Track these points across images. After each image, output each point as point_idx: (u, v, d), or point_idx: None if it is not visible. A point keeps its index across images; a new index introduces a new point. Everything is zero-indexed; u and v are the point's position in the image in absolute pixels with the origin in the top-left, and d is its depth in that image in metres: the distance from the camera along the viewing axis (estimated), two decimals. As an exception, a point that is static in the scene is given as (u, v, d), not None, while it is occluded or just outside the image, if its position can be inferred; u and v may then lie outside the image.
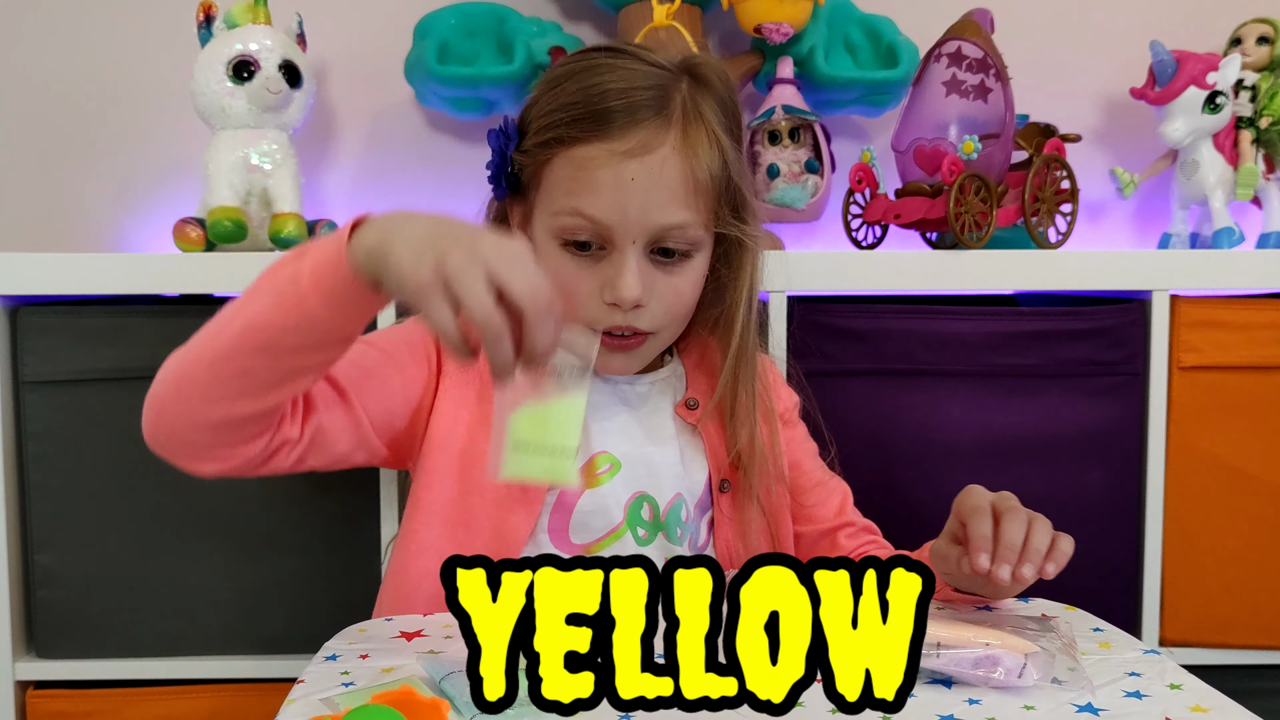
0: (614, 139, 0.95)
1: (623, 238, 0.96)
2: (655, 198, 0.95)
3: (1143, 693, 0.73)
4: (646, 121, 0.95)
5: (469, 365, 0.79)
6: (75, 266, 1.30)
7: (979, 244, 1.35)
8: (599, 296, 0.97)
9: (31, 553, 1.33)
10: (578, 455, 0.84)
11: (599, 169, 0.94)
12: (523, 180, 1.02)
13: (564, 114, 0.96)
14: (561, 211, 0.96)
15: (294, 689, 0.76)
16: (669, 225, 0.96)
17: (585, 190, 0.95)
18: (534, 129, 0.99)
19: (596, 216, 0.95)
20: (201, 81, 1.41)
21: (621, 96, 0.95)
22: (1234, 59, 1.51)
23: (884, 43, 1.59)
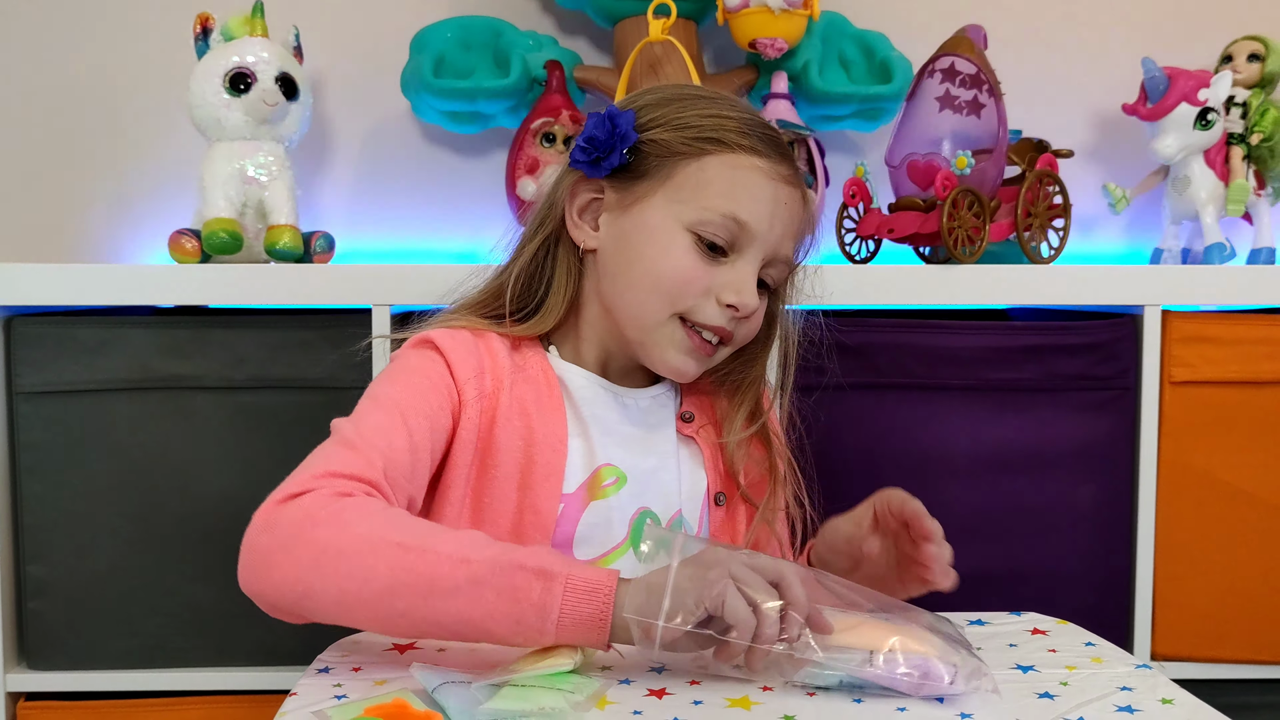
0: (777, 162, 1.00)
1: (756, 248, 0.99)
2: (790, 228, 1.02)
3: (1134, 707, 0.73)
4: (791, 161, 1.02)
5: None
6: (70, 277, 1.30)
7: (972, 259, 1.35)
8: (712, 295, 0.99)
9: (23, 563, 1.33)
10: None
11: (764, 179, 0.99)
12: (645, 166, 1.01)
13: (725, 121, 1.00)
14: (713, 209, 0.98)
15: (286, 701, 0.76)
16: (785, 256, 1.03)
17: (746, 196, 0.98)
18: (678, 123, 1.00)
19: (749, 221, 0.98)
20: (198, 93, 1.41)
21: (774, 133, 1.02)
22: (1225, 76, 1.52)
23: (878, 58, 1.59)
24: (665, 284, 0.99)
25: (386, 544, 0.80)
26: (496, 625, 0.77)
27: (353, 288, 1.31)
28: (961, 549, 1.33)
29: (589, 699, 0.73)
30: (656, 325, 1.01)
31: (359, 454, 0.89)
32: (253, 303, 1.33)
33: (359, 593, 0.79)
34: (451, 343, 1.00)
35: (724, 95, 1.06)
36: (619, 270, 1.02)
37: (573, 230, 1.04)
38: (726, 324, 1.00)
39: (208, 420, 1.33)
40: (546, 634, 0.77)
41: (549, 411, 1.02)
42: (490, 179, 1.68)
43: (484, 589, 0.77)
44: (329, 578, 0.80)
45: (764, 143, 1.00)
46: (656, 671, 0.80)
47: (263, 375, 1.33)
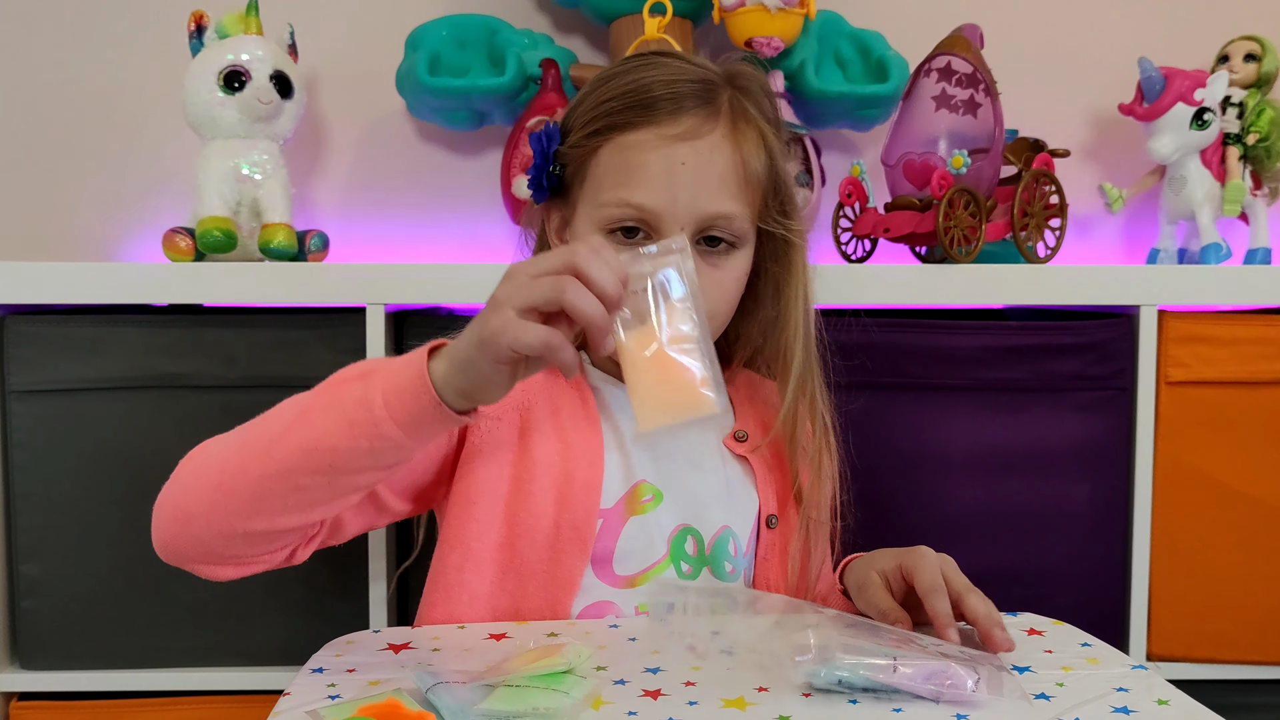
0: (664, 124, 0.95)
1: (670, 224, 0.95)
2: (705, 184, 0.95)
3: (1130, 708, 0.73)
4: (695, 109, 0.96)
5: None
6: (63, 275, 1.30)
7: (968, 258, 1.35)
8: None
9: (16, 563, 1.32)
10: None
11: (649, 152, 0.94)
12: (566, 179, 1.01)
13: (612, 104, 0.97)
14: (609, 202, 0.96)
15: (280, 701, 0.75)
16: (717, 214, 0.96)
17: (635, 177, 0.95)
18: (579, 125, 0.99)
19: (645, 204, 0.94)
20: (192, 91, 1.41)
21: (669, 87, 0.96)
22: (1221, 76, 1.52)
23: (874, 57, 1.59)
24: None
25: (226, 440, 0.86)
26: (333, 437, 0.80)
27: (347, 287, 1.31)
28: (957, 549, 1.33)
29: (584, 699, 0.72)
30: None
31: None
32: (247, 302, 1.33)
33: (220, 484, 0.83)
34: None
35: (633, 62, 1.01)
36: None
37: None
38: None
39: (201, 419, 1.32)
40: (379, 420, 0.78)
41: (584, 425, 1.00)
42: (485, 177, 1.67)
43: (312, 414, 0.81)
44: (193, 491, 0.85)
45: (645, 109, 0.95)
46: (652, 672, 0.80)
47: (257, 374, 1.32)
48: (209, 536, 0.85)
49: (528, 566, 0.97)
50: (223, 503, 0.84)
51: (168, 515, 0.87)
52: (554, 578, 0.97)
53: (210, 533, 0.85)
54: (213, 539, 0.86)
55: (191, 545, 0.87)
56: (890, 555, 0.94)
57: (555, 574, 0.97)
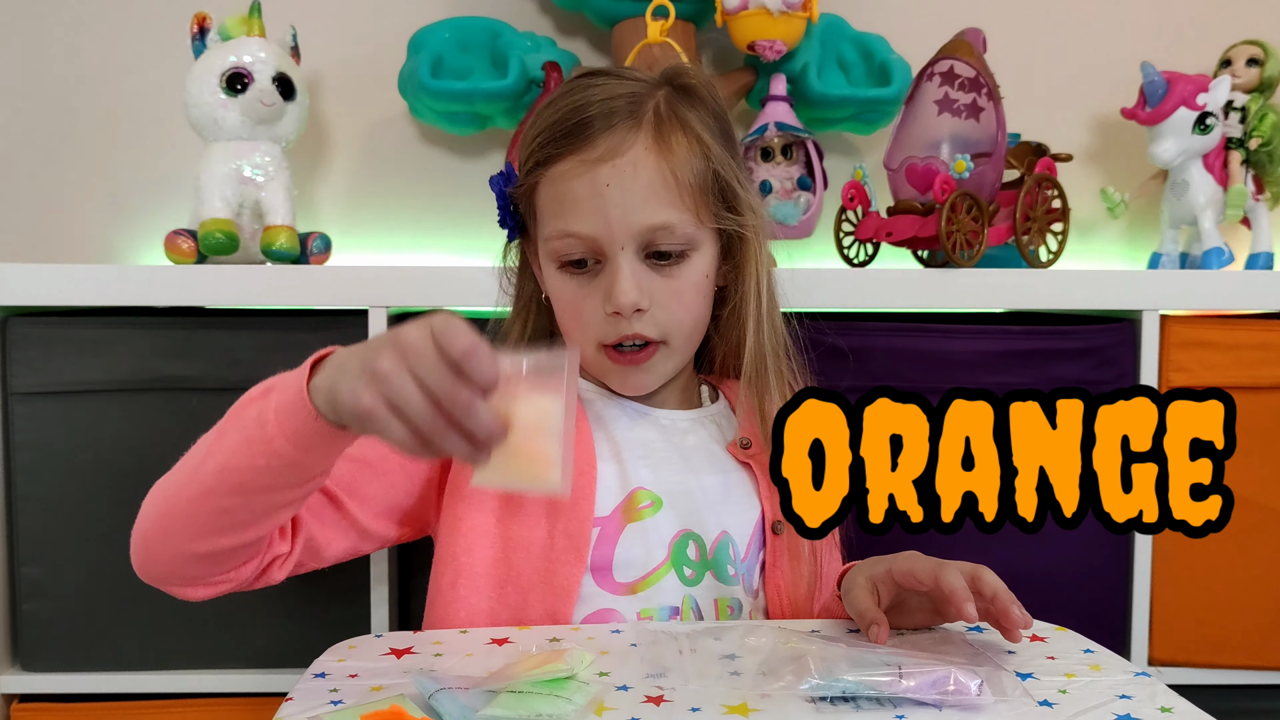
0: (583, 149, 0.95)
1: (610, 246, 0.95)
2: (633, 200, 0.94)
3: (1133, 715, 0.73)
4: (616, 126, 0.95)
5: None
6: (66, 277, 1.30)
7: (970, 262, 1.35)
8: (602, 311, 0.97)
9: (18, 565, 1.32)
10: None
11: (573, 180, 0.95)
12: (522, 216, 1.03)
13: (540, 137, 0.98)
14: (552, 235, 0.97)
15: (282, 707, 0.75)
16: (654, 226, 0.95)
17: (566, 207, 0.96)
18: (522, 162, 1.01)
19: (580, 231, 0.95)
20: (194, 93, 1.41)
21: (596, 108, 0.96)
22: (1224, 80, 1.52)
23: (877, 61, 1.59)
24: (569, 325, 1.01)
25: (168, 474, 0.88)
26: (238, 457, 0.80)
27: (349, 289, 1.31)
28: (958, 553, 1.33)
29: (586, 705, 0.72)
30: (591, 360, 1.02)
31: None
32: (249, 304, 1.33)
33: (165, 510, 0.86)
34: None
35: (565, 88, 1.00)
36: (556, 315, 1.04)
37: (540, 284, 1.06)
38: (627, 329, 0.97)
39: (204, 421, 1.29)
40: (271, 437, 0.78)
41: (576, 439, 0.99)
42: (488, 180, 1.67)
43: (225, 434, 0.83)
44: (149, 518, 0.88)
45: (563, 140, 0.96)
46: (654, 678, 0.79)
47: (259, 376, 1.28)
48: (166, 560, 0.89)
49: (524, 579, 0.97)
50: (168, 528, 0.87)
51: (135, 542, 0.90)
52: (552, 588, 0.97)
53: (166, 556, 0.88)
54: (170, 562, 0.89)
55: (156, 568, 0.90)
56: (883, 561, 0.93)
57: (553, 584, 0.97)
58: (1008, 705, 0.74)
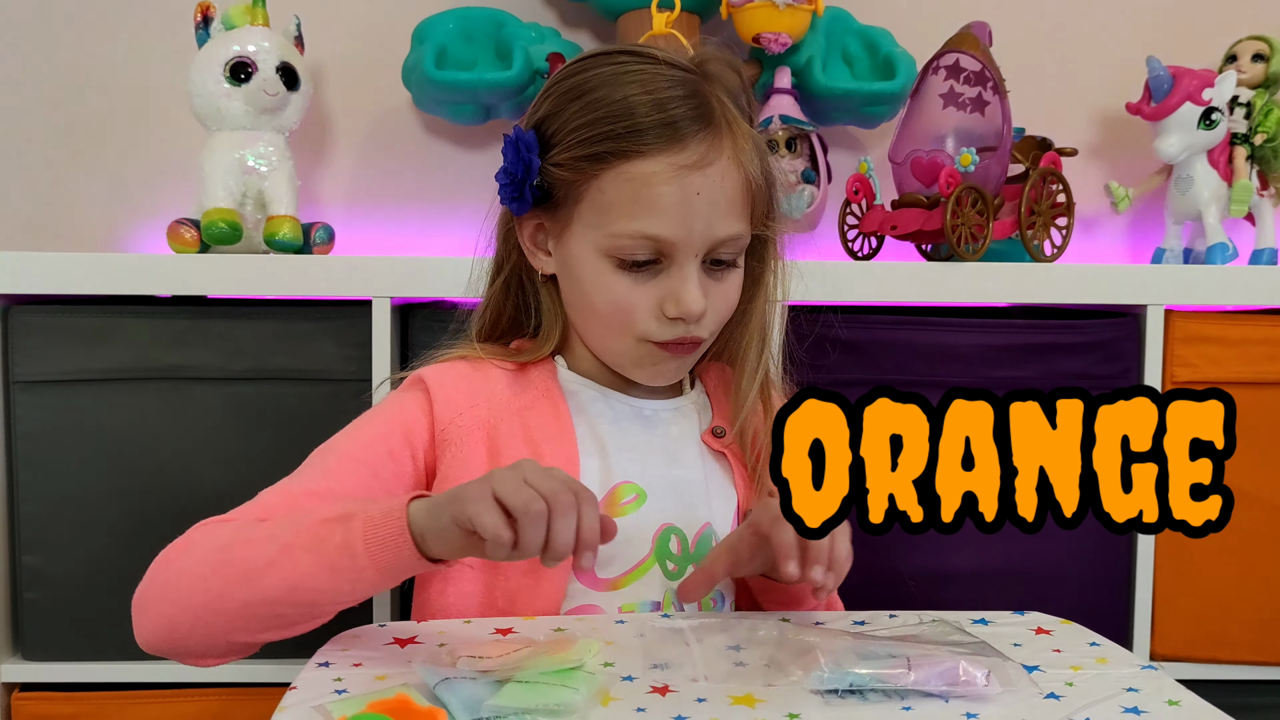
0: (672, 152, 0.91)
1: (685, 253, 0.93)
2: (718, 210, 0.93)
3: (1141, 709, 0.73)
4: (699, 132, 0.92)
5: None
6: (68, 266, 1.29)
7: (975, 256, 1.35)
8: (657, 310, 0.95)
9: (19, 553, 1.32)
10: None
11: (663, 184, 0.91)
12: (556, 195, 0.97)
13: (609, 126, 0.92)
14: (622, 234, 0.93)
15: (286, 696, 0.75)
16: (727, 237, 0.95)
17: (649, 209, 0.92)
18: (572, 141, 0.94)
19: (662, 235, 0.92)
20: (198, 82, 1.40)
21: (662, 108, 0.92)
22: (1229, 75, 1.51)
23: (881, 54, 1.59)
24: (607, 317, 0.97)
25: (209, 552, 0.86)
26: (316, 579, 0.81)
27: (352, 279, 1.31)
28: (961, 548, 1.34)
29: (593, 696, 0.72)
30: (623, 352, 0.99)
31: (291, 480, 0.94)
32: (252, 294, 1.32)
33: (205, 604, 0.84)
34: (440, 379, 1.00)
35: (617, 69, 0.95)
36: (572, 300, 1.00)
37: (531, 259, 1.02)
38: (685, 333, 0.96)
39: (205, 411, 1.32)
40: (361, 569, 0.80)
41: (556, 435, 0.99)
42: (491, 171, 1.62)
43: (294, 551, 0.81)
44: (178, 604, 0.85)
45: (653, 135, 0.91)
46: (660, 668, 0.79)
47: (261, 366, 1.32)
48: (194, 644, 0.87)
49: (512, 582, 0.97)
50: (208, 620, 0.85)
51: (152, 620, 0.87)
52: (539, 590, 0.96)
53: (194, 641, 0.87)
54: (197, 645, 0.87)
55: (178, 648, 0.88)
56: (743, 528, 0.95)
57: (539, 586, 0.96)
58: (1015, 696, 0.74)
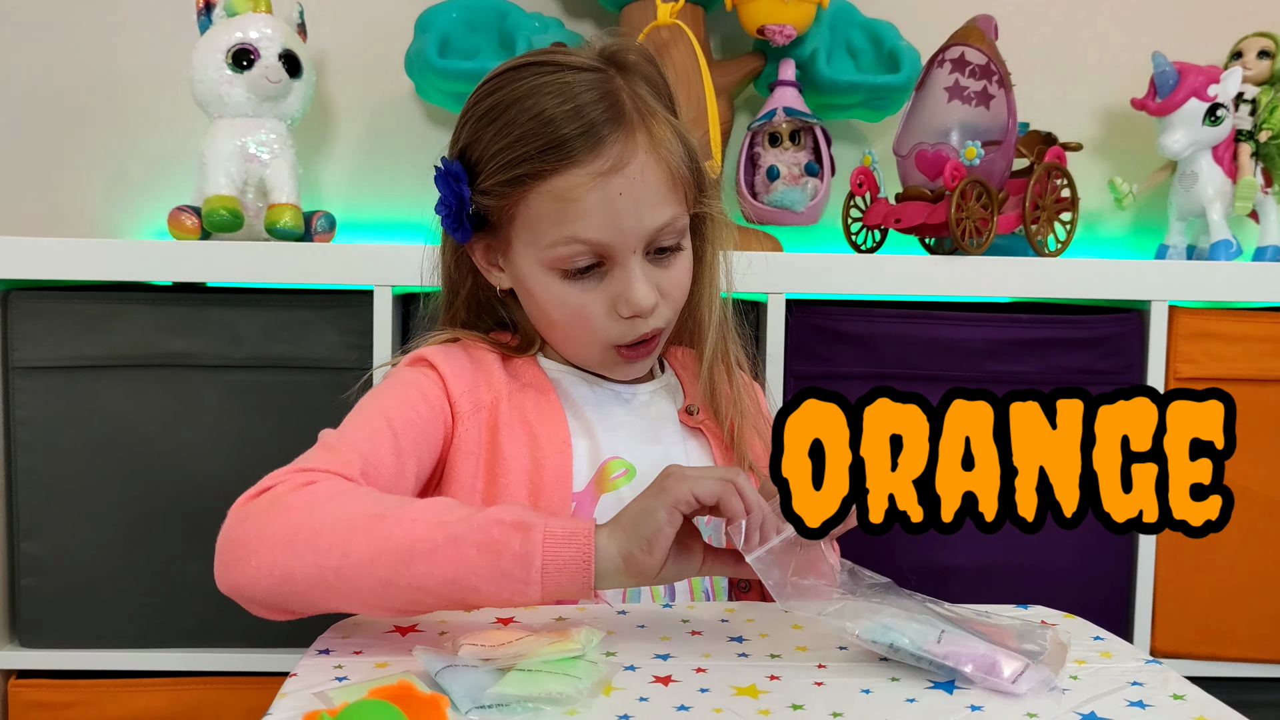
0: (588, 162, 0.92)
1: (623, 252, 0.94)
2: (645, 204, 0.94)
3: (1146, 702, 0.73)
4: (614, 134, 0.93)
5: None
6: (69, 252, 1.29)
7: (979, 250, 1.35)
8: (613, 313, 0.96)
9: (17, 540, 1.32)
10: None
11: (586, 194, 0.92)
12: (490, 217, 0.98)
13: (524, 148, 0.93)
14: (556, 243, 0.94)
15: (287, 683, 0.75)
16: (660, 225, 0.95)
17: (576, 218, 0.93)
18: (492, 167, 0.95)
19: (593, 239, 0.93)
20: (200, 69, 1.40)
21: (576, 117, 0.92)
22: (1235, 72, 1.51)
23: (886, 48, 1.59)
24: (567, 327, 0.98)
25: (361, 516, 0.80)
26: (481, 581, 0.78)
27: (353, 268, 1.30)
28: (962, 544, 1.33)
29: (595, 685, 0.72)
30: (589, 358, 1.01)
31: (336, 454, 0.88)
32: (252, 281, 1.32)
33: (339, 568, 0.78)
34: (445, 358, 0.99)
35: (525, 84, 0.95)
36: (532, 312, 1.02)
37: (489, 278, 1.03)
38: (646, 327, 0.97)
39: (205, 398, 1.32)
40: (531, 584, 0.78)
41: (549, 415, 1.00)
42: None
43: (464, 546, 0.78)
44: (306, 557, 0.79)
45: (566, 150, 0.92)
46: (662, 658, 0.79)
47: (261, 354, 1.32)
48: (302, 600, 0.82)
49: None
50: (335, 585, 0.79)
51: (261, 566, 0.81)
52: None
53: (308, 598, 0.81)
54: (304, 602, 0.82)
55: (278, 600, 0.82)
56: None
57: None
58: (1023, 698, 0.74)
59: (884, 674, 0.77)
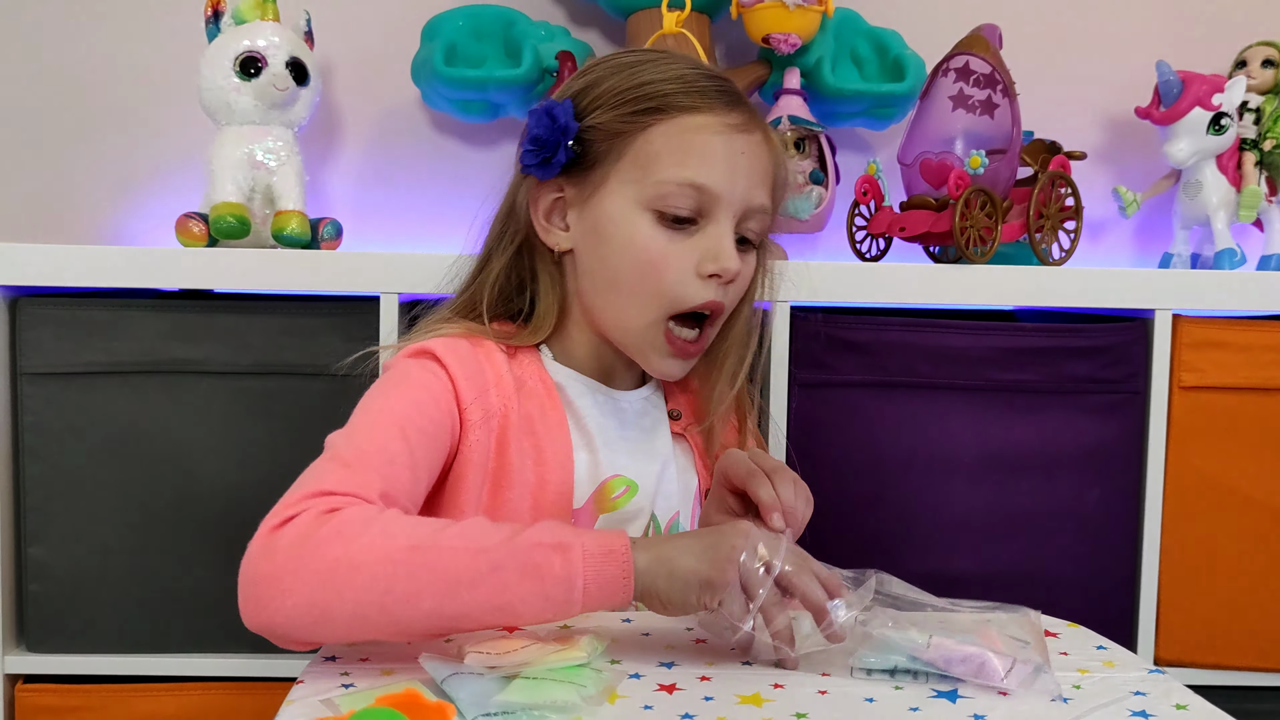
0: (721, 112, 0.96)
1: (724, 210, 0.96)
2: (755, 175, 0.98)
3: (1149, 712, 0.73)
4: (742, 105, 0.98)
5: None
6: (76, 258, 1.30)
7: (983, 259, 1.35)
8: (693, 270, 0.96)
9: (24, 545, 1.32)
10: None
11: (713, 135, 0.95)
12: (594, 154, 0.98)
13: (660, 87, 0.96)
14: (668, 181, 0.95)
15: (293, 689, 0.75)
16: (759, 206, 0.98)
17: (700, 158, 0.95)
18: (615, 101, 0.97)
19: (708, 185, 0.94)
20: (208, 76, 1.40)
21: (713, 79, 0.98)
22: (1239, 81, 1.51)
23: (891, 56, 1.59)
24: (637, 279, 0.97)
25: (399, 549, 0.78)
26: (525, 606, 0.77)
27: (360, 275, 1.31)
28: (965, 550, 1.34)
29: (600, 693, 0.72)
30: (641, 329, 0.99)
31: (355, 473, 0.85)
32: (259, 288, 1.32)
33: (381, 604, 0.77)
34: (453, 356, 0.97)
35: (659, 54, 1.01)
36: (595, 267, 1.00)
37: (544, 235, 1.02)
38: (716, 295, 0.97)
39: (212, 405, 1.32)
40: (574, 604, 0.77)
41: (554, 426, 1.00)
42: (500, 169, 1.65)
43: (506, 573, 0.77)
44: (345, 595, 0.77)
45: (707, 96, 0.96)
46: (666, 667, 0.79)
47: (268, 361, 1.32)
48: (333, 634, 0.80)
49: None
50: (376, 620, 0.77)
51: (297, 603, 0.77)
52: None
53: (340, 633, 0.80)
54: (336, 636, 0.81)
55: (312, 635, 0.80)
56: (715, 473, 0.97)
57: None
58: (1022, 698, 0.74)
59: (887, 683, 0.77)
